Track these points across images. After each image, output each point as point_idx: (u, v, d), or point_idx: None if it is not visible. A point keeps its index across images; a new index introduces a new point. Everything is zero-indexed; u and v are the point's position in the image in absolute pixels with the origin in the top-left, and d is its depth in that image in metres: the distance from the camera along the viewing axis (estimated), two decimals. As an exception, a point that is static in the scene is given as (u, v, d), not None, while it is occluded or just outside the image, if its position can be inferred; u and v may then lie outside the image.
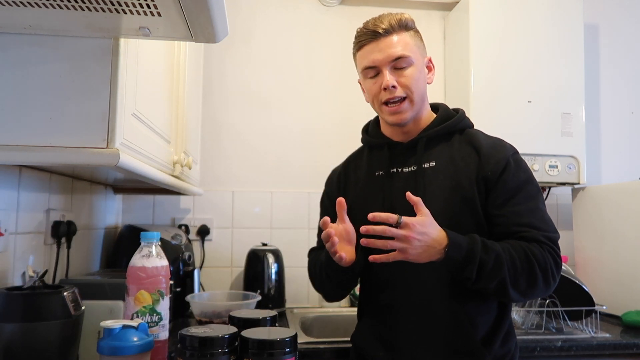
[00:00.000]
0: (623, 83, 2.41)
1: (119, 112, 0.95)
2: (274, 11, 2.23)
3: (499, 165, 1.13)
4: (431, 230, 1.01)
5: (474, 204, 1.12)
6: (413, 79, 1.15)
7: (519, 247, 1.06)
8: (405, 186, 1.17)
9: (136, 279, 1.07)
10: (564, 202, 2.27)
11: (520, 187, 1.13)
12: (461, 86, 2.04)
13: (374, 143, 1.28)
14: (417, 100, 1.17)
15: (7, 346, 0.96)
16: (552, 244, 1.10)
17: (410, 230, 0.98)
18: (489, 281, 1.04)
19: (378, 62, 1.15)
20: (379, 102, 1.18)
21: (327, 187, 1.37)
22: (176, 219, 2.11)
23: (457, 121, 1.21)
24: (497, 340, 1.12)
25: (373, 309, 1.23)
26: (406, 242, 0.99)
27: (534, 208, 1.12)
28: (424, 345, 1.13)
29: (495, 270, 1.03)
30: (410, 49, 1.16)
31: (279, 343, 0.98)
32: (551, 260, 1.07)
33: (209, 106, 2.14)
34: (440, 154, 1.18)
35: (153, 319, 1.07)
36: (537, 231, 1.09)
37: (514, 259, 1.04)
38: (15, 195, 1.22)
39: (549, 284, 1.08)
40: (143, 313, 1.06)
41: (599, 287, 1.92)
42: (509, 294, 1.06)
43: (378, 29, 1.15)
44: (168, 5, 0.80)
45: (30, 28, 0.91)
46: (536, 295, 1.11)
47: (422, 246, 1.00)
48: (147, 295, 1.07)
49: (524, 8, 2.03)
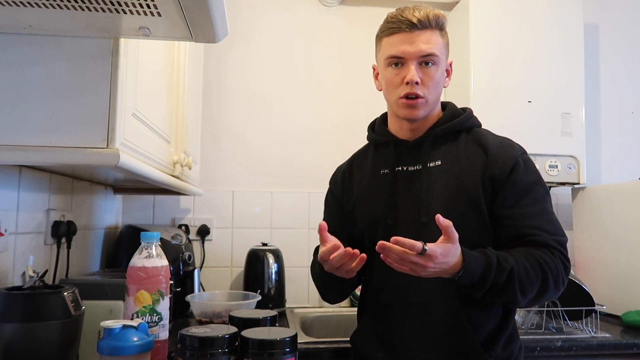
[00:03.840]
0: (623, 83, 2.41)
1: (119, 112, 0.95)
2: (274, 11, 2.23)
3: (507, 166, 1.11)
4: (452, 259, 0.97)
5: (479, 204, 1.10)
6: (435, 80, 1.14)
7: (533, 259, 1.04)
8: (410, 185, 1.16)
9: (136, 279, 1.07)
10: (564, 202, 2.28)
11: (530, 188, 1.11)
12: (461, 86, 2.04)
13: (380, 141, 1.26)
14: (431, 102, 1.16)
15: (7, 346, 0.96)
16: (562, 248, 1.09)
17: (431, 260, 0.94)
18: (497, 298, 1.04)
19: (407, 55, 1.12)
20: (397, 95, 1.15)
21: (331, 185, 1.35)
22: (176, 219, 2.11)
23: (464, 120, 1.20)
24: (500, 342, 1.11)
25: (373, 308, 1.23)
26: (421, 269, 0.95)
27: (542, 210, 1.11)
28: (423, 346, 1.12)
29: (505, 289, 1.01)
30: (440, 49, 1.14)
31: (279, 343, 0.98)
32: (562, 266, 1.06)
33: (208, 106, 2.14)
34: (446, 153, 1.17)
35: (153, 319, 1.07)
36: (546, 234, 1.08)
37: (528, 271, 1.02)
38: (15, 195, 1.22)
39: (559, 290, 1.08)
40: (143, 313, 1.06)
41: (599, 287, 1.92)
42: (518, 304, 1.06)
43: (414, 19, 1.11)
44: (168, 5, 0.80)
45: (30, 28, 0.91)
46: (544, 301, 1.12)
47: (435, 272, 0.97)
48: (147, 295, 1.07)
49: (524, 8, 2.03)
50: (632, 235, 1.84)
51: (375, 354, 1.18)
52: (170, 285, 1.50)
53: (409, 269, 0.96)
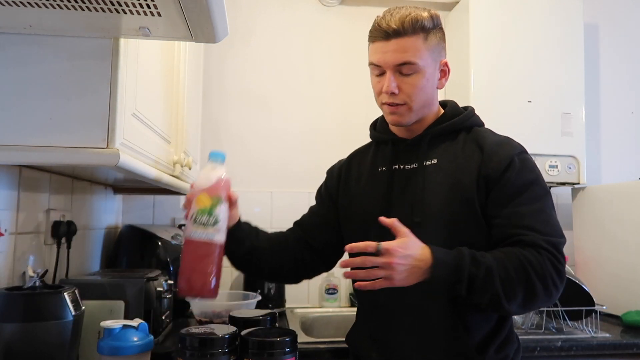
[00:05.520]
0: (623, 83, 2.41)
1: (119, 112, 0.95)
2: (274, 11, 2.23)
3: (502, 164, 1.08)
4: (413, 251, 0.96)
5: (474, 203, 1.08)
6: (416, 88, 1.11)
7: (514, 256, 1.00)
8: (406, 183, 1.16)
9: (199, 184, 1.08)
10: (564, 202, 2.27)
11: (526, 187, 1.07)
12: (461, 86, 2.04)
13: (380, 139, 1.26)
14: (416, 108, 1.13)
15: (7, 346, 0.96)
16: (554, 249, 1.02)
17: (392, 256, 0.93)
18: (482, 296, 0.99)
19: (383, 63, 1.11)
20: (380, 102, 1.16)
21: (327, 178, 1.35)
22: (176, 219, 2.11)
23: (463, 119, 1.18)
24: (493, 345, 1.09)
25: (368, 308, 1.22)
26: (389, 269, 0.93)
27: (538, 210, 1.06)
28: (416, 346, 1.11)
29: (486, 284, 0.97)
30: (420, 55, 1.10)
31: (279, 343, 0.99)
32: (550, 267, 1.00)
33: (208, 106, 2.14)
34: (443, 151, 1.15)
35: (210, 221, 1.05)
36: (538, 234, 1.02)
37: (507, 270, 0.98)
38: (15, 195, 1.22)
39: (550, 293, 1.01)
40: (202, 213, 1.05)
41: (599, 287, 1.92)
42: (505, 308, 1.00)
43: (389, 29, 1.08)
44: (168, 5, 0.80)
45: (30, 28, 0.91)
46: (538, 306, 1.05)
47: (406, 270, 0.95)
48: (207, 198, 1.06)
49: (524, 8, 2.03)
50: (632, 235, 1.84)
51: (369, 353, 1.18)
52: (170, 285, 1.50)
53: (380, 276, 0.95)
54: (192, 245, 1.02)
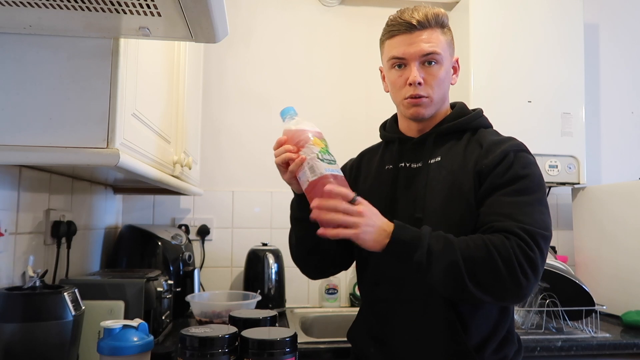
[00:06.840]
0: (623, 83, 2.41)
1: (119, 112, 0.95)
2: (274, 11, 2.23)
3: (496, 158, 1.08)
4: (378, 218, 1.00)
5: (471, 199, 1.08)
6: (439, 79, 1.14)
7: (478, 238, 0.99)
8: (410, 181, 1.17)
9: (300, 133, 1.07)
10: (564, 202, 2.27)
11: (514, 180, 1.05)
12: (461, 86, 2.04)
13: (388, 138, 1.28)
14: (437, 100, 1.16)
15: (7, 346, 0.96)
16: (527, 235, 0.97)
17: (365, 207, 0.98)
18: (442, 269, 0.96)
19: (408, 55, 1.13)
20: (401, 96, 1.16)
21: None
22: (176, 219, 2.11)
23: (469, 119, 1.19)
24: (491, 345, 1.09)
25: (368, 303, 1.23)
26: (359, 217, 0.97)
27: (523, 202, 1.03)
28: (414, 342, 1.11)
29: (446, 253, 0.96)
30: (442, 47, 1.14)
31: (279, 343, 0.99)
32: (518, 252, 0.96)
33: (208, 106, 2.14)
34: (448, 150, 1.17)
35: (332, 158, 1.05)
36: (512, 222, 0.99)
37: (469, 247, 0.97)
38: (15, 195, 1.22)
39: (518, 280, 0.96)
40: (324, 151, 1.04)
41: (599, 287, 1.92)
42: (468, 288, 0.96)
43: (413, 20, 1.12)
44: (168, 5, 0.80)
45: (30, 28, 0.91)
46: (507, 296, 0.99)
47: (373, 228, 0.98)
48: (320, 140, 1.06)
49: (524, 8, 2.03)
50: (632, 236, 1.84)
51: (368, 349, 1.18)
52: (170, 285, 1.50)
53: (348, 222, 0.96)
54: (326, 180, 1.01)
